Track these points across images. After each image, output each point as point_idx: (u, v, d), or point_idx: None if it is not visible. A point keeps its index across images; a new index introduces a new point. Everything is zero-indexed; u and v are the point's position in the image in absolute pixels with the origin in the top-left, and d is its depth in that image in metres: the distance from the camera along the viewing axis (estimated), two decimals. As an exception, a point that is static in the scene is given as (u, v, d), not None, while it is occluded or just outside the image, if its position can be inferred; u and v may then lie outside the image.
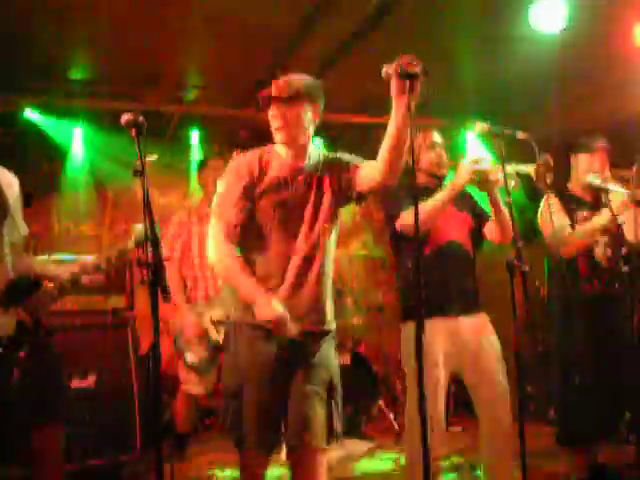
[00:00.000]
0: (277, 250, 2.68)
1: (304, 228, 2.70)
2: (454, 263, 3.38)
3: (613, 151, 3.90)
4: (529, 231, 4.02)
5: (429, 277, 3.26)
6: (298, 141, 2.74)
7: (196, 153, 6.50)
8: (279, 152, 2.79)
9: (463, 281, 3.39)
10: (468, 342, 3.32)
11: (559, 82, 4.96)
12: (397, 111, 2.38)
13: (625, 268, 3.47)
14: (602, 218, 3.64)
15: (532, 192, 3.76)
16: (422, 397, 2.41)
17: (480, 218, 3.52)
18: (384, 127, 2.50)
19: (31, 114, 5.53)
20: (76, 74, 5.39)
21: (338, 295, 5.80)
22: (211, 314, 4.27)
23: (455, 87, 5.17)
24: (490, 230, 3.47)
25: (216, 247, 2.74)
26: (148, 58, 5.11)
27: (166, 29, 4.65)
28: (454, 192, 3.23)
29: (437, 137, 3.52)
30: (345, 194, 2.77)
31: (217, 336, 4.23)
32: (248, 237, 2.71)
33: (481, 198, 3.51)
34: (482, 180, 3.20)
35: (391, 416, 5.51)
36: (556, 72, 4.90)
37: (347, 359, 5.62)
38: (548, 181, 3.18)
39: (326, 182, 2.77)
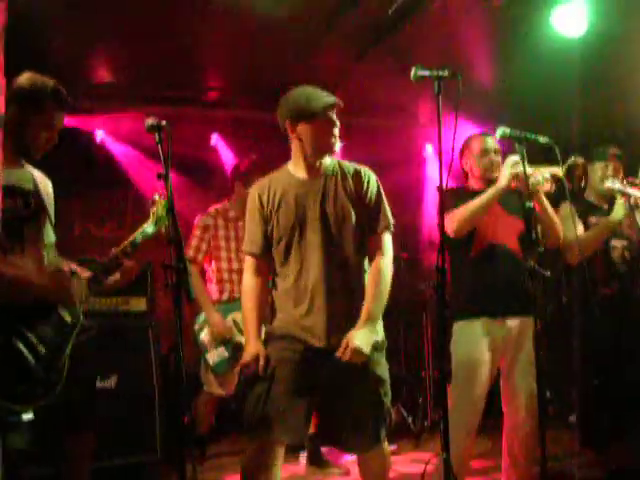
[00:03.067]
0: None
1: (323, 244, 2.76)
2: (500, 265, 3.41)
3: (628, 157, 3.92)
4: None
5: (475, 279, 3.39)
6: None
7: (227, 156, 6.52)
8: (290, 171, 2.87)
9: (510, 283, 3.39)
10: (510, 344, 3.39)
11: (580, 85, 4.93)
12: None
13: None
14: (610, 219, 3.67)
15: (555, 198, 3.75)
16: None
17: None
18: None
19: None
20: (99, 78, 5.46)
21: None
22: (234, 315, 4.34)
23: (476, 91, 5.16)
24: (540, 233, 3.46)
25: (243, 280, 2.90)
26: (170, 61, 5.14)
27: (188, 32, 4.68)
28: (495, 194, 3.28)
29: (490, 142, 3.54)
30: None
31: (239, 337, 4.28)
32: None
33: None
34: (522, 183, 3.19)
35: (409, 419, 5.49)
36: (577, 75, 4.87)
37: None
38: (582, 183, 3.21)
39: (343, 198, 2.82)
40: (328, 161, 2.86)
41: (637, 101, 4.95)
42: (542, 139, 3.05)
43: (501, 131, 3.06)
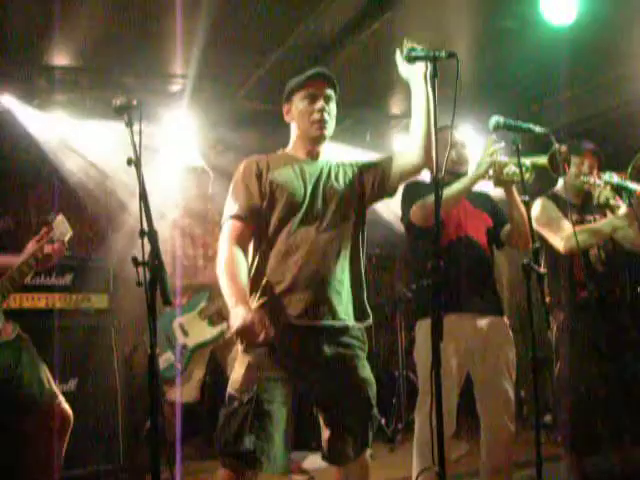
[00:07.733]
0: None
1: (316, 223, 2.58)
2: (469, 259, 3.29)
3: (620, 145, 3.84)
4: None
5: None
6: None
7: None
8: (288, 153, 2.75)
9: (478, 278, 3.30)
10: (478, 343, 3.25)
11: (571, 73, 4.88)
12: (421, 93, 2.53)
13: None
14: (619, 219, 3.53)
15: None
16: (439, 404, 2.31)
17: (499, 220, 3.45)
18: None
19: (9, 102, 5.26)
20: (58, 60, 5.15)
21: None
22: (181, 317, 4.38)
23: (464, 79, 5.06)
24: (508, 234, 3.38)
25: (222, 247, 2.57)
26: (138, 47, 4.89)
27: (153, 18, 4.45)
28: (471, 183, 3.18)
29: (457, 135, 3.49)
30: (377, 191, 2.71)
31: (184, 339, 4.32)
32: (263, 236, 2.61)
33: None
34: (498, 173, 3.13)
35: (383, 421, 5.33)
36: (567, 63, 4.80)
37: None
38: (566, 170, 3.12)
39: (344, 181, 2.70)
40: (327, 154, 2.77)
41: (627, 89, 4.92)
42: (537, 128, 2.92)
43: (494, 121, 2.93)
